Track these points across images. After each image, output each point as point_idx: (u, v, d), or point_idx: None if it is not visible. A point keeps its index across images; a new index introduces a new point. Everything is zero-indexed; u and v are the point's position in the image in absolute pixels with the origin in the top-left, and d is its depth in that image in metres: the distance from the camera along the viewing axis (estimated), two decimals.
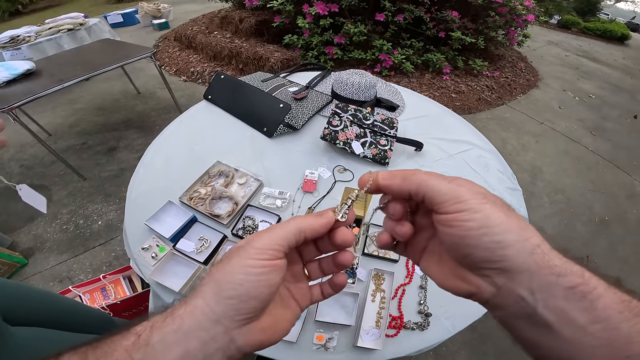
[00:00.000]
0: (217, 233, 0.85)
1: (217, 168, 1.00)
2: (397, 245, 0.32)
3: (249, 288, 0.23)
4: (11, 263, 1.58)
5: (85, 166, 2.19)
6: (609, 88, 3.87)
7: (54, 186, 2.05)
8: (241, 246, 0.26)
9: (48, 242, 1.74)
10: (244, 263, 0.24)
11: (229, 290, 0.23)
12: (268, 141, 1.12)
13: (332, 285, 0.31)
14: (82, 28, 2.75)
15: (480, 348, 1.43)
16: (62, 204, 1.94)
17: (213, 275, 0.25)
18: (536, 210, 2.08)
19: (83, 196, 1.99)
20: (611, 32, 6.08)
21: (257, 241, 0.25)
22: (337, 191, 0.95)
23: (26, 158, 2.28)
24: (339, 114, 1.07)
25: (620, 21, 7.09)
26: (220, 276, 0.24)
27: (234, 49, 3.04)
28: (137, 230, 0.88)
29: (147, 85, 3.05)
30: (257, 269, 0.24)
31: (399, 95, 1.40)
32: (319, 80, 1.43)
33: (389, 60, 2.88)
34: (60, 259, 1.66)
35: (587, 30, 6.39)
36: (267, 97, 1.20)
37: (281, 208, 0.90)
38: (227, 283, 0.24)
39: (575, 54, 4.82)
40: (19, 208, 1.89)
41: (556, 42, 5.32)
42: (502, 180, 1.06)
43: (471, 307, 0.76)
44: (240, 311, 0.23)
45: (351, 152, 1.01)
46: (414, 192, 0.26)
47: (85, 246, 1.72)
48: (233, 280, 0.24)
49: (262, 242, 0.25)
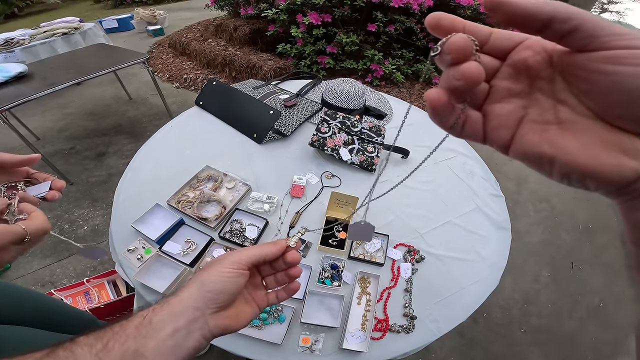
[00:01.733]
0: (204, 236, 0.86)
1: (206, 172, 1.01)
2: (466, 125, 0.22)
3: (222, 285, 0.34)
4: None
5: (72, 171, 2.16)
6: None
7: None
8: (220, 259, 0.37)
9: None
10: (220, 270, 0.36)
11: (209, 285, 0.34)
12: (258, 147, 1.14)
13: (287, 290, 0.43)
14: (77, 32, 2.76)
15: (469, 354, 1.44)
16: (48, 209, 1.90)
17: (198, 277, 0.35)
18: (521, 219, 2.13)
19: (69, 201, 1.96)
20: None
21: (231, 257, 0.37)
22: (325, 196, 0.97)
23: None
24: (328, 121, 1.09)
25: None
26: (204, 277, 0.35)
27: (228, 57, 3.07)
28: (123, 233, 0.88)
29: (139, 91, 3.05)
30: (229, 274, 0.35)
31: (387, 103, 1.44)
32: (310, 88, 1.46)
33: (380, 70, 2.95)
34: (44, 263, 1.63)
35: None
36: (258, 104, 1.23)
37: (269, 212, 0.91)
38: (208, 282, 0.35)
39: None
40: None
41: None
42: (485, 187, 1.10)
43: (456, 310, 0.78)
44: (215, 301, 0.34)
45: (339, 159, 1.04)
46: (561, 16, 0.17)
47: (70, 251, 1.69)
48: (212, 280, 0.35)
49: (234, 258, 0.37)
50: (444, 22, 0.20)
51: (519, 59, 0.20)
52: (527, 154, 0.20)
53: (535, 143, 0.19)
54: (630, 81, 0.16)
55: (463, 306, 0.79)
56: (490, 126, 0.22)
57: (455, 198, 1.03)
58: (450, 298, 0.80)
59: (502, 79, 0.21)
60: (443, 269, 0.85)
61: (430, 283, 0.82)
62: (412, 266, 0.84)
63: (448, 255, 0.88)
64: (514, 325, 1.56)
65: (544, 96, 0.20)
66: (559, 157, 0.18)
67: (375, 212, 0.95)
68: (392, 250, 0.87)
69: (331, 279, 0.78)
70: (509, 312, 1.61)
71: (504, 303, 1.64)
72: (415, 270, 0.84)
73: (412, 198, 1.01)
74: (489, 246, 0.92)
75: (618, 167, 0.17)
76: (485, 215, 1.00)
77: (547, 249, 1.94)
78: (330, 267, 0.80)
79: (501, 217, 1.01)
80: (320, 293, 0.76)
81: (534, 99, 0.20)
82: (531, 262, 1.86)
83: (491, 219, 0.99)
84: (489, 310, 1.60)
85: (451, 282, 0.83)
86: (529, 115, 0.20)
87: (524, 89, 0.21)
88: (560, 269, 1.84)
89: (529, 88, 0.20)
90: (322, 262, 0.81)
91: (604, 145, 0.17)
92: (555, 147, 0.18)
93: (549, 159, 0.19)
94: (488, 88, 0.22)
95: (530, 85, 0.20)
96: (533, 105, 0.20)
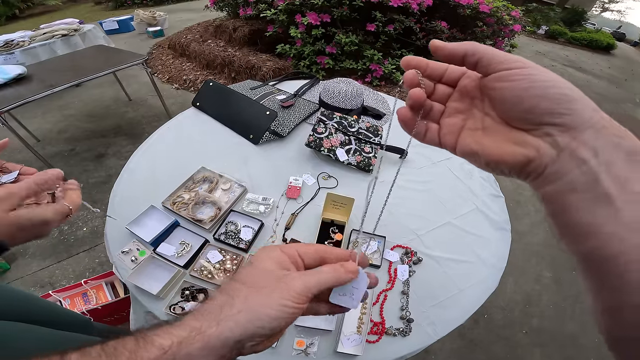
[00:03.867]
0: (199, 237, 0.85)
1: (201, 174, 1.00)
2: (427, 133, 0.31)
3: (279, 323, 0.27)
4: None
5: (72, 172, 2.16)
6: (595, 98, 3.93)
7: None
8: (281, 279, 0.28)
9: (31, 247, 1.70)
10: (283, 303, 0.27)
11: (263, 321, 0.26)
12: (254, 148, 1.13)
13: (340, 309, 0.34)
14: (77, 34, 2.76)
15: (469, 356, 1.42)
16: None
17: (249, 302, 0.27)
18: (522, 219, 2.11)
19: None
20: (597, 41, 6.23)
21: (296, 283, 0.28)
22: (321, 197, 0.95)
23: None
24: (324, 121, 1.08)
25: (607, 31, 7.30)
26: (258, 307, 0.27)
27: (227, 58, 3.06)
28: (119, 235, 0.87)
29: (139, 92, 3.05)
30: (291, 310, 0.27)
31: (385, 103, 1.43)
32: (307, 88, 1.46)
33: (379, 70, 2.93)
34: (43, 265, 1.63)
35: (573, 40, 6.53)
36: (254, 105, 1.22)
37: (264, 214, 0.90)
38: (263, 315, 0.26)
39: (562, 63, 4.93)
40: None
41: (544, 53, 5.45)
42: (484, 187, 1.08)
43: (453, 312, 0.77)
44: (262, 337, 0.27)
45: (335, 160, 1.03)
46: (470, 52, 0.25)
47: (69, 252, 1.69)
48: (269, 314, 0.26)
49: (300, 287, 0.28)
50: (412, 62, 0.29)
51: (462, 86, 0.29)
52: (464, 152, 0.28)
53: (468, 143, 0.28)
54: (508, 92, 0.24)
55: (461, 309, 0.78)
56: (443, 133, 0.30)
57: (454, 199, 1.02)
58: (448, 300, 0.78)
59: (452, 101, 0.30)
60: (441, 271, 0.84)
61: (428, 285, 0.81)
62: (410, 268, 0.83)
63: (446, 257, 0.87)
64: (515, 327, 1.55)
65: (478, 110, 0.28)
66: (481, 151, 0.26)
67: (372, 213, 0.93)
68: (389, 252, 0.85)
69: None
70: (510, 313, 1.59)
71: (505, 304, 1.62)
72: (412, 272, 0.83)
73: (410, 199, 1.00)
74: (488, 248, 0.91)
75: (513, 154, 0.24)
76: (485, 216, 0.98)
77: (548, 250, 1.93)
78: None
79: (501, 217, 1.00)
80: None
81: (471, 114, 0.29)
82: (532, 263, 1.84)
83: (490, 219, 0.98)
84: (490, 312, 1.58)
85: (449, 284, 0.81)
86: (466, 125, 0.29)
87: (466, 107, 0.29)
88: (561, 269, 1.83)
89: (469, 106, 0.29)
90: None
91: (506, 141, 0.25)
92: (479, 145, 0.27)
93: (476, 153, 0.27)
94: (444, 108, 0.30)
95: (470, 104, 0.29)
96: (470, 118, 0.29)
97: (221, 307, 0.27)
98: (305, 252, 0.32)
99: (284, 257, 0.31)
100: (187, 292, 0.76)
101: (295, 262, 0.31)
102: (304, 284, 0.28)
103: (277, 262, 0.30)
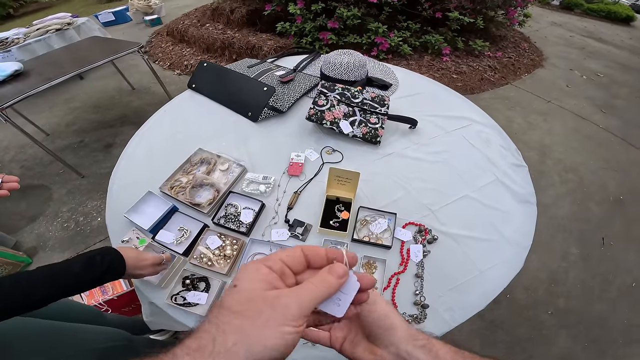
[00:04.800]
0: (198, 222, 0.80)
1: (198, 155, 0.95)
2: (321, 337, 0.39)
3: (280, 351, 0.24)
4: (15, 263, 1.59)
5: (83, 164, 2.18)
6: (617, 67, 3.69)
7: (54, 185, 2.06)
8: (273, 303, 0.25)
9: (50, 240, 1.74)
10: (281, 329, 0.24)
11: (261, 352, 0.24)
12: (253, 126, 1.06)
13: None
14: (71, 27, 2.73)
15: (491, 337, 1.37)
16: (62, 202, 1.94)
17: (245, 331, 0.24)
18: (547, 190, 1.98)
19: (82, 193, 1.99)
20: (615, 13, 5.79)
21: (292, 307, 0.25)
22: (325, 174, 0.88)
23: (26, 159, 2.29)
24: (326, 93, 1.00)
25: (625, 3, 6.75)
26: (254, 337, 0.24)
27: (227, 40, 2.97)
28: (118, 224, 0.85)
29: (141, 81, 3.03)
30: (292, 335, 0.25)
31: (392, 74, 1.32)
32: (308, 63, 1.36)
33: (385, 43, 2.77)
34: (63, 257, 1.65)
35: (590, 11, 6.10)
36: (251, 82, 1.15)
37: (265, 194, 0.84)
38: (261, 346, 0.24)
39: (580, 34, 4.62)
40: (21, 207, 1.91)
41: (559, 23, 5.09)
42: (505, 156, 0.98)
43: (473, 297, 0.70)
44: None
45: (339, 132, 0.95)
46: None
47: (86, 243, 1.71)
48: (267, 344, 0.24)
49: (296, 310, 0.25)
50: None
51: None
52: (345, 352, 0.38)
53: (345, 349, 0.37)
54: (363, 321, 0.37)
55: (481, 293, 0.70)
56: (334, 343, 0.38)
57: (471, 169, 0.93)
58: (466, 284, 0.71)
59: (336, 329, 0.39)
60: (459, 251, 0.76)
61: (444, 267, 0.74)
62: (424, 248, 0.75)
63: (464, 234, 0.79)
64: (539, 307, 1.47)
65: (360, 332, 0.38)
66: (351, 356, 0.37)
67: (381, 187, 0.86)
68: (401, 230, 0.78)
69: None
70: (535, 293, 1.51)
71: (528, 283, 1.53)
72: (427, 252, 0.75)
73: (422, 171, 0.91)
74: (512, 223, 0.82)
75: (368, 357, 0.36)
76: (507, 188, 0.89)
77: (575, 224, 1.81)
78: None
79: (525, 189, 0.90)
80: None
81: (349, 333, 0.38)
82: (558, 239, 1.73)
83: (513, 192, 0.88)
84: (513, 291, 1.50)
85: (468, 265, 0.74)
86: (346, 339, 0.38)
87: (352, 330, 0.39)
88: (589, 245, 1.71)
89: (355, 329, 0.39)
90: (323, 246, 0.74)
91: (365, 350, 0.36)
92: (350, 351, 0.37)
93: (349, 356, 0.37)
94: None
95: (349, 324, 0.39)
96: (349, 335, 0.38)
97: (214, 341, 0.24)
98: (291, 258, 0.29)
99: (270, 275, 0.27)
100: (187, 281, 0.72)
101: (282, 274, 0.28)
102: (299, 306, 0.26)
103: (264, 281, 0.27)
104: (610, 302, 1.49)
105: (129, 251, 0.65)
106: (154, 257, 0.68)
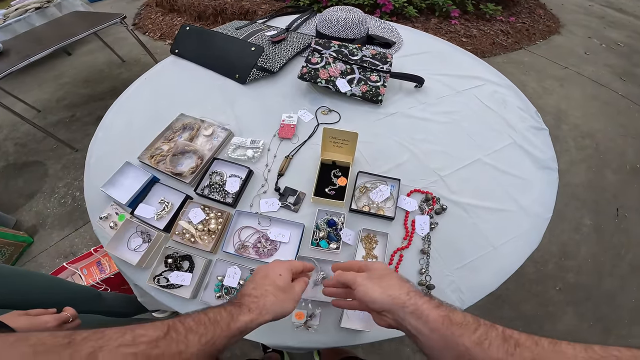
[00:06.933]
0: (179, 194, 0.73)
1: (180, 121, 0.86)
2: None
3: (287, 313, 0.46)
4: (17, 243, 1.57)
5: (75, 138, 2.16)
6: (639, 37, 3.44)
7: (48, 160, 2.04)
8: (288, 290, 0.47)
9: (49, 217, 1.73)
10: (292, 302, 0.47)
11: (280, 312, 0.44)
12: (241, 88, 0.96)
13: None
14: (51, 5, 2.61)
15: (496, 313, 1.32)
16: (58, 177, 1.92)
17: (279, 299, 0.45)
18: (562, 156, 1.87)
19: (76, 168, 1.96)
20: None
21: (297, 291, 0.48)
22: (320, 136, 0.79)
23: (19, 136, 2.26)
24: (320, 50, 0.88)
25: None
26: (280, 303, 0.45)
27: (218, 6, 2.78)
28: (96, 198, 0.78)
29: (131, 53, 2.93)
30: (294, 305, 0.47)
31: (395, 32, 1.18)
32: (302, 22, 1.23)
33: (389, 4, 2.55)
34: (63, 234, 1.64)
35: None
36: (237, 42, 1.05)
37: (253, 159, 0.76)
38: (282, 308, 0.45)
39: (600, 4, 4.31)
40: (18, 185, 1.89)
41: None
42: (523, 119, 0.87)
43: (484, 276, 0.63)
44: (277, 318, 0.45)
45: (336, 91, 0.84)
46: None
47: (84, 219, 1.69)
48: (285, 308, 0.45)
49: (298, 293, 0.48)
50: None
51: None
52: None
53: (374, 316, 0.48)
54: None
55: (494, 271, 0.63)
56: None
57: (485, 132, 0.82)
58: (477, 261, 0.64)
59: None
60: (470, 223, 0.68)
61: (454, 241, 0.66)
62: (431, 219, 0.67)
63: (476, 204, 0.70)
64: (548, 282, 1.41)
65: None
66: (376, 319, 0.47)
67: (383, 150, 0.77)
68: (405, 199, 0.69)
69: (327, 240, 0.64)
70: (544, 267, 1.45)
71: (538, 257, 1.47)
72: (434, 225, 0.67)
73: (430, 132, 0.81)
74: (530, 192, 0.73)
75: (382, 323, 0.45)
76: (525, 152, 0.79)
77: (590, 193, 1.71)
78: (327, 223, 0.65)
79: (546, 154, 0.80)
80: (314, 258, 0.62)
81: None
82: (572, 208, 1.64)
83: (533, 156, 0.79)
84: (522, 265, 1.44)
85: (480, 239, 0.66)
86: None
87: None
88: (603, 216, 1.62)
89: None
90: (317, 218, 0.66)
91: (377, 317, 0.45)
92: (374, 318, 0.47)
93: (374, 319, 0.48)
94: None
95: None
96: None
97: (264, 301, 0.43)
98: (295, 267, 0.50)
99: (289, 276, 0.49)
100: (170, 260, 0.66)
101: (295, 273, 0.50)
102: (299, 291, 0.49)
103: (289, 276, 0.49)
104: (620, 278, 1.43)
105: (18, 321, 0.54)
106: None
